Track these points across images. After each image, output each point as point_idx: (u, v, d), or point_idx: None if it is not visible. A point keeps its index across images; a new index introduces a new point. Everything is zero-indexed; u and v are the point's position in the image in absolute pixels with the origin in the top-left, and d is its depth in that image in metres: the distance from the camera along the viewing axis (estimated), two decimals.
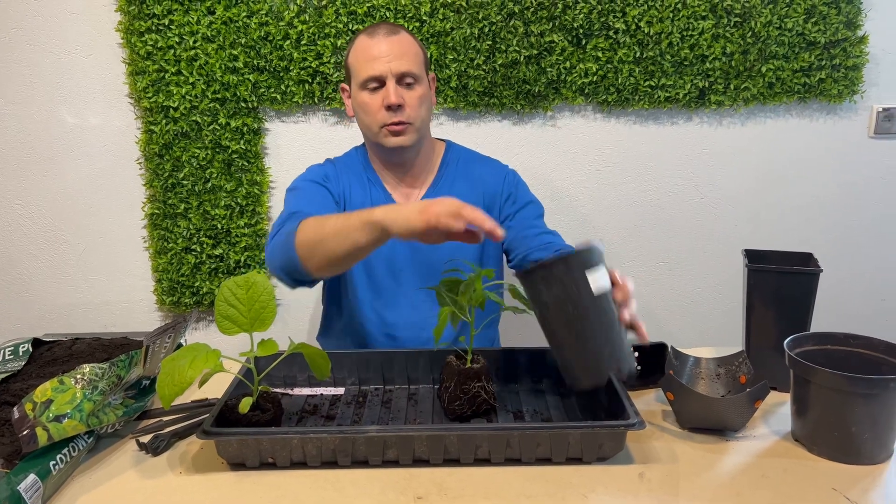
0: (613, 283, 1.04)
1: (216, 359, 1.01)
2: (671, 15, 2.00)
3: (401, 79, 1.46)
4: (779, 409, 1.19)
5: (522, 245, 1.57)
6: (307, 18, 1.99)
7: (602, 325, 0.99)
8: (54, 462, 0.97)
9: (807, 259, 1.31)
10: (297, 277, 1.31)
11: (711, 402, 1.10)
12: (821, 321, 1.24)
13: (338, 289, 1.63)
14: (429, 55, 1.99)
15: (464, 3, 1.98)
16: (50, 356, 1.27)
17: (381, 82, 1.46)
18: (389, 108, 1.45)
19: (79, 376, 1.03)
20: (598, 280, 0.98)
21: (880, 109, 2.12)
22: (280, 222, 1.41)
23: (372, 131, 1.51)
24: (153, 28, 1.99)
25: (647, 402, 1.24)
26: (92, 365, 1.05)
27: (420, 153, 1.57)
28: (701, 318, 2.30)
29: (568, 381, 1.03)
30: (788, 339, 1.11)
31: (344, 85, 1.58)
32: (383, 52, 1.45)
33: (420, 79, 1.49)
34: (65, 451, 1.00)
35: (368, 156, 1.62)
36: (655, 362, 1.28)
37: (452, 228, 1.05)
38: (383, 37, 1.47)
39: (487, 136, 2.12)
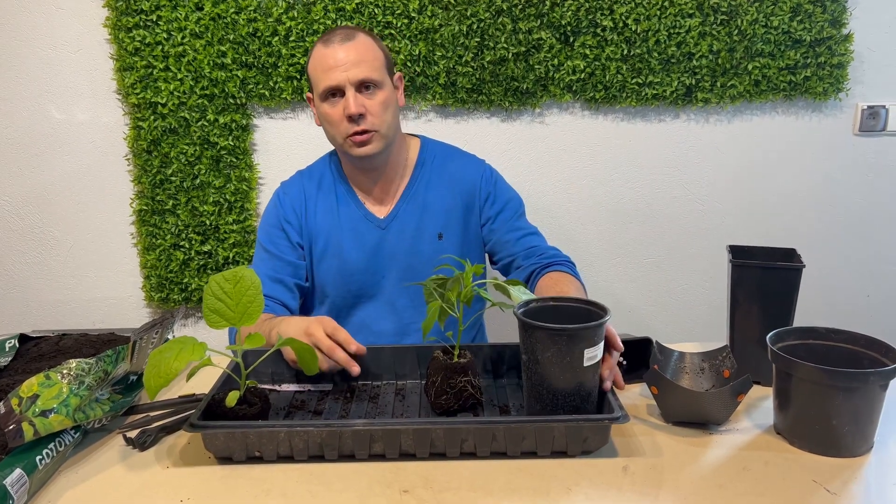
0: (612, 345, 1.13)
1: (202, 351, 1.01)
2: (658, 13, 2.01)
3: (360, 86, 1.42)
4: (762, 402, 1.20)
5: (506, 249, 1.56)
6: (295, 15, 1.99)
7: (577, 393, 1.07)
8: (40, 457, 0.97)
9: (790, 255, 1.32)
10: None
11: (695, 396, 1.11)
12: (808, 317, 1.25)
13: (312, 302, 1.62)
14: (416, 52, 2.00)
15: (452, 0, 1.98)
16: (37, 352, 1.27)
17: (340, 92, 1.43)
18: (350, 118, 1.42)
19: (65, 371, 1.03)
20: (592, 356, 1.06)
21: (865, 107, 2.14)
22: None
23: (337, 142, 1.49)
24: (141, 24, 1.98)
25: (632, 396, 1.25)
26: (78, 360, 1.05)
27: (391, 157, 1.54)
28: (687, 314, 2.31)
29: (526, 406, 1.13)
30: (771, 333, 1.12)
31: (309, 94, 1.54)
32: (339, 60, 1.41)
33: (381, 83, 1.45)
34: (51, 445, 1.00)
35: (341, 163, 1.59)
36: (640, 357, 1.29)
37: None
38: (338, 44, 1.42)
39: (476, 133, 2.12)
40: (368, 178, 1.56)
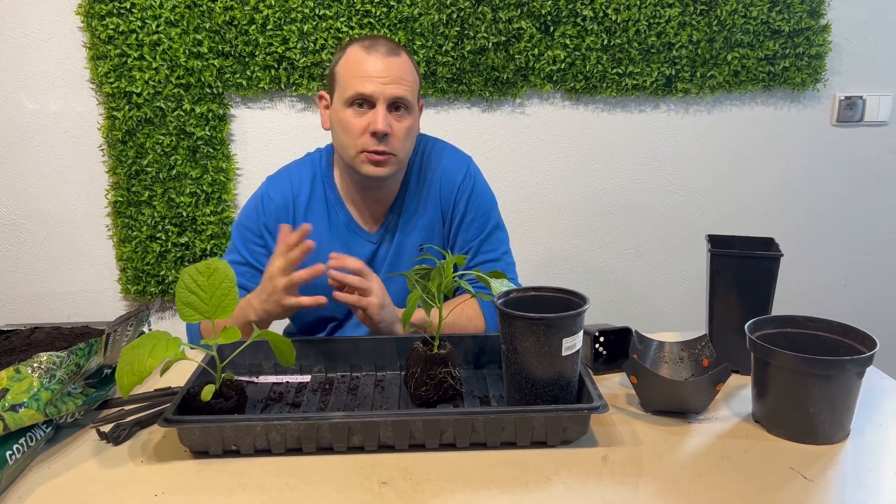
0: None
1: (177, 347, 0.99)
2: (638, 2, 2.01)
3: (392, 104, 1.35)
4: (740, 391, 1.21)
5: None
6: (273, 3, 1.96)
7: (556, 383, 1.07)
8: (11, 452, 0.95)
9: (768, 244, 1.32)
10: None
11: (674, 385, 1.11)
12: (786, 306, 1.25)
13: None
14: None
15: None
16: (7, 345, 1.25)
17: (369, 103, 1.34)
18: (374, 134, 1.33)
19: (35, 365, 1.01)
20: (570, 345, 1.05)
21: (842, 98, 2.16)
22: None
23: (348, 154, 1.38)
24: (114, 11, 1.95)
25: (611, 385, 1.25)
26: (49, 353, 1.03)
27: (395, 182, 1.47)
28: (666, 303, 2.32)
29: (507, 396, 1.13)
30: (749, 322, 1.13)
31: (324, 93, 1.45)
32: (380, 70, 1.33)
33: (411, 108, 1.38)
34: (22, 440, 0.98)
35: (333, 167, 1.50)
36: (620, 346, 1.29)
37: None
38: (383, 55, 1.34)
39: (457, 123, 2.11)
40: (366, 194, 1.47)
